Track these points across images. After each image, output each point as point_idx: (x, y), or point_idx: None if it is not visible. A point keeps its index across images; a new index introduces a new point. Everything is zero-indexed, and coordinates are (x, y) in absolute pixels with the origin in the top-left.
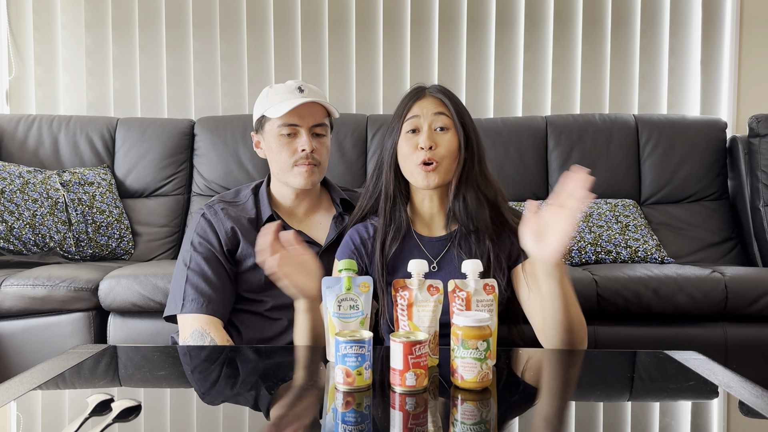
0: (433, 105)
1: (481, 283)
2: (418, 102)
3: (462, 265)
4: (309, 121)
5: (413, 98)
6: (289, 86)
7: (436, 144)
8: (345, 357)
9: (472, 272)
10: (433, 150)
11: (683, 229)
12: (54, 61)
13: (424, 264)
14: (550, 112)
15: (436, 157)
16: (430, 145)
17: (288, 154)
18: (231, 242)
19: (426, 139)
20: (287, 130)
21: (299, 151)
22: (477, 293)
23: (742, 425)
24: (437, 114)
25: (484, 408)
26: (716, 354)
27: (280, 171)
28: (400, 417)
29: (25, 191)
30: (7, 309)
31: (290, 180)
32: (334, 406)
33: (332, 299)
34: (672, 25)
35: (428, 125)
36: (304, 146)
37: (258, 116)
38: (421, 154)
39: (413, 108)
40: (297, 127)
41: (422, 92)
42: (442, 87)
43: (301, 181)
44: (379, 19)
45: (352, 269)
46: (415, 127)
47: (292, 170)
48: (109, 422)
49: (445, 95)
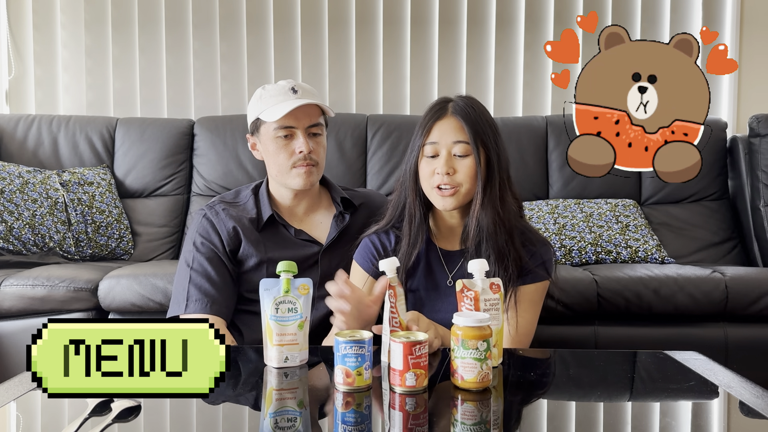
0: (452, 131)
1: (488, 282)
2: (438, 123)
3: (468, 265)
4: (305, 122)
5: (434, 117)
6: (282, 87)
7: (455, 170)
8: (345, 357)
9: (479, 271)
10: (451, 176)
11: (683, 229)
12: (54, 60)
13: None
14: (550, 112)
15: (454, 183)
16: (447, 171)
17: (286, 156)
18: (233, 242)
19: (444, 165)
20: (283, 132)
21: (297, 153)
22: (484, 292)
23: (742, 425)
24: (456, 142)
25: (484, 408)
26: (716, 354)
27: (278, 173)
28: (400, 417)
29: (24, 191)
30: (6, 309)
31: (289, 181)
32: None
33: (270, 302)
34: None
35: (447, 151)
36: (302, 148)
37: (252, 119)
38: (437, 178)
39: (433, 131)
40: (293, 129)
41: (444, 110)
42: (466, 103)
43: (300, 182)
44: (379, 19)
45: (292, 271)
46: (435, 153)
47: (290, 172)
48: (109, 422)
49: (466, 117)
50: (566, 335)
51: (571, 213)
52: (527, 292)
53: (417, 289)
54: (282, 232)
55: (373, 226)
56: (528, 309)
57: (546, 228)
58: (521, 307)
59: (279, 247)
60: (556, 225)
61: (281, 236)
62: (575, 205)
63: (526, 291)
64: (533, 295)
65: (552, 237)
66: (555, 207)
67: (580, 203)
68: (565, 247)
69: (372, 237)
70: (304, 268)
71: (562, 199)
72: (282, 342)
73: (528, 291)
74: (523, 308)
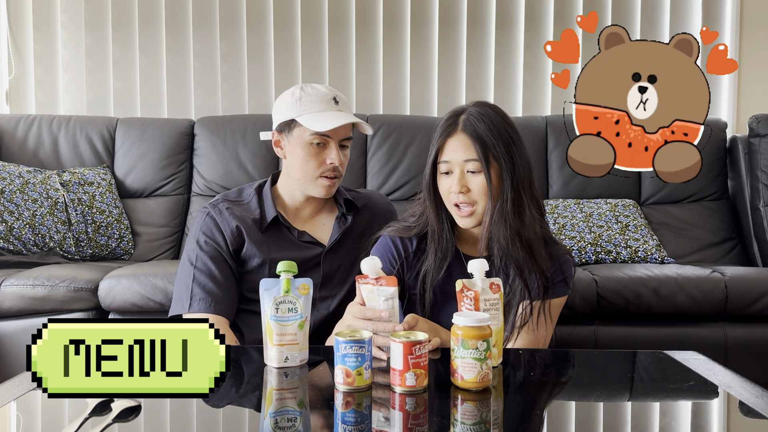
0: (463, 149)
1: (488, 282)
2: (449, 140)
3: (468, 265)
4: (340, 134)
5: (445, 134)
6: (323, 95)
7: (468, 188)
8: (345, 357)
9: (479, 271)
10: (466, 194)
11: (683, 229)
12: (54, 60)
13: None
14: (550, 112)
15: (470, 200)
16: (461, 191)
17: (315, 165)
18: (236, 242)
19: (457, 183)
20: (318, 140)
21: (327, 164)
22: (484, 292)
23: (742, 425)
24: (467, 161)
25: (484, 408)
26: (716, 354)
27: (302, 178)
28: (400, 417)
29: (24, 191)
30: (7, 309)
31: (310, 189)
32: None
33: (270, 302)
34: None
35: (460, 170)
36: (334, 160)
37: (287, 118)
38: (454, 197)
39: (445, 149)
40: (328, 139)
41: (455, 126)
42: (478, 116)
43: (322, 192)
44: (379, 19)
45: (292, 271)
46: (449, 170)
47: (315, 181)
48: (109, 422)
49: (474, 134)
50: (566, 335)
51: (571, 213)
52: (547, 307)
53: (436, 292)
54: (285, 233)
55: (394, 224)
56: (546, 322)
57: None
58: (540, 320)
59: (281, 249)
60: (556, 225)
61: (284, 237)
62: (575, 205)
63: (546, 305)
64: (553, 309)
65: None
66: (555, 207)
67: (580, 203)
68: (565, 247)
69: (393, 237)
70: (306, 270)
71: (561, 199)
72: (282, 342)
73: (548, 306)
74: (541, 321)
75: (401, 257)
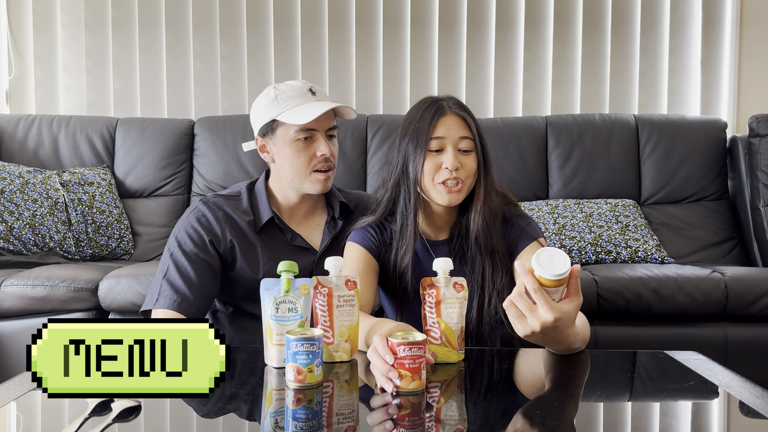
0: (458, 127)
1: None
2: (442, 120)
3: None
4: (325, 125)
5: (437, 114)
6: (299, 89)
7: (461, 165)
8: (296, 355)
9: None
10: (458, 171)
11: (683, 229)
12: (54, 61)
13: (449, 262)
14: (550, 112)
15: (461, 177)
16: (456, 167)
17: (305, 160)
18: (223, 244)
19: (452, 160)
20: (304, 134)
21: (318, 156)
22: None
23: (742, 425)
24: (462, 138)
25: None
26: (716, 354)
27: (295, 177)
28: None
29: (24, 191)
30: (7, 309)
31: (306, 186)
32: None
33: (270, 301)
34: (672, 25)
35: (453, 147)
36: (324, 151)
37: (266, 120)
38: (444, 173)
39: (438, 127)
40: (314, 132)
41: (442, 108)
42: (460, 102)
43: (318, 188)
44: (379, 19)
45: (292, 271)
46: (440, 147)
47: (309, 176)
48: (109, 422)
49: (468, 115)
50: None
51: (571, 213)
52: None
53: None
54: (279, 236)
55: (363, 218)
56: None
57: (546, 228)
58: None
59: (275, 258)
60: (556, 225)
61: (278, 241)
62: (575, 205)
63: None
64: None
65: (552, 237)
66: (555, 207)
67: (580, 203)
68: (564, 247)
69: (373, 227)
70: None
71: (562, 199)
72: (282, 342)
73: (524, 259)
74: None
75: (378, 243)
